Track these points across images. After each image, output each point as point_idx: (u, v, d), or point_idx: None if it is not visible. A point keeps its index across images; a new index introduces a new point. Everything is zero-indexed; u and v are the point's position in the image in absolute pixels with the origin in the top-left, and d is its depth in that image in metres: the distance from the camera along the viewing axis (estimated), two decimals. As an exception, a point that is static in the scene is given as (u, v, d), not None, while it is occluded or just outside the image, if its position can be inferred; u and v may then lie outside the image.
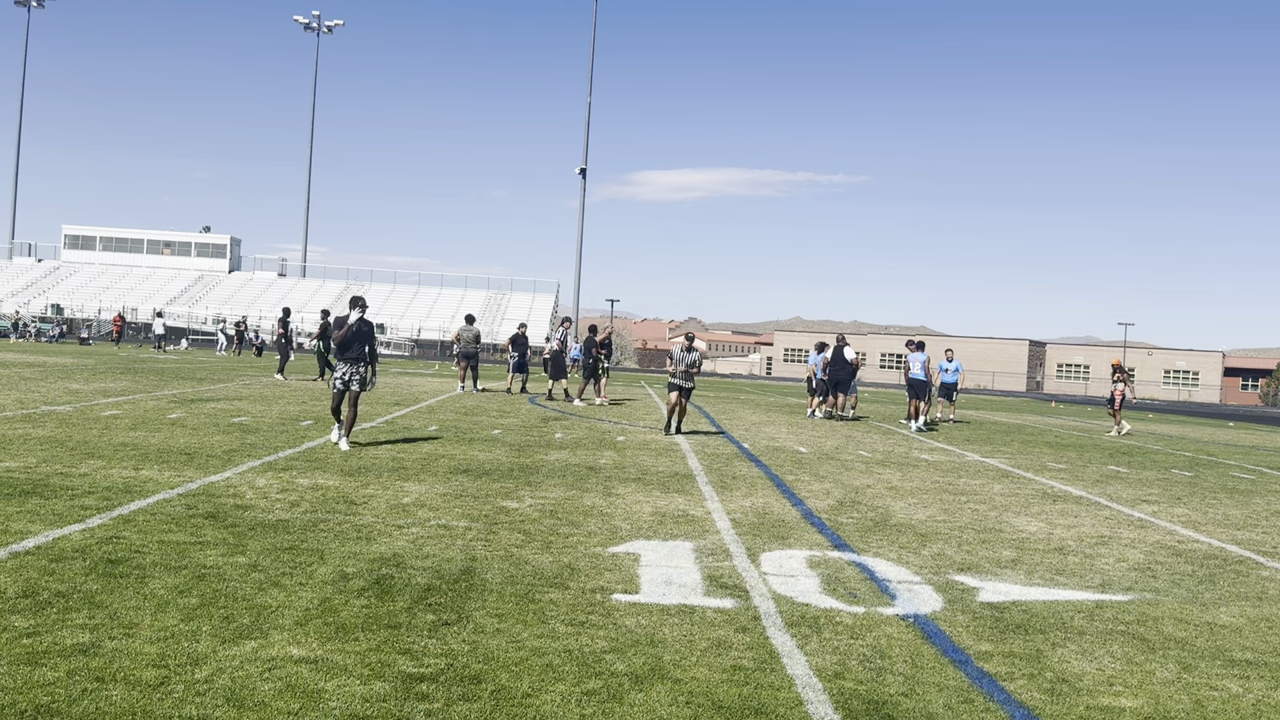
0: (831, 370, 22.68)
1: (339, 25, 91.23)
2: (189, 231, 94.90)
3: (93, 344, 57.65)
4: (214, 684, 4.10)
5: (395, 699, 4.07)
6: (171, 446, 11.20)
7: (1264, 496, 13.10)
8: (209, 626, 4.83)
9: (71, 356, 35.86)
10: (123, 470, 9.33)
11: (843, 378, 22.59)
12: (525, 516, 8.24)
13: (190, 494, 8.33)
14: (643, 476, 11.12)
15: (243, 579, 5.73)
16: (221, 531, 6.95)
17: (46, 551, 6.08)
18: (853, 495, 10.66)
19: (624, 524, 8.18)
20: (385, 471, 10.29)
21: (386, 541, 6.96)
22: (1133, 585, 7.07)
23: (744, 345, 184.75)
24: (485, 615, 5.30)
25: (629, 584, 6.17)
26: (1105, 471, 14.98)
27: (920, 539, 8.32)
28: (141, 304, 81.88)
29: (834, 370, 22.62)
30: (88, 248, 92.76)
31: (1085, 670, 5.04)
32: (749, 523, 8.58)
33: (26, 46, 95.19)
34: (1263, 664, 5.34)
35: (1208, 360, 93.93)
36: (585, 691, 4.29)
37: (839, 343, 23.02)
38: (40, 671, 4.12)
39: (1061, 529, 9.31)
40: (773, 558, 7.20)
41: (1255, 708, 4.65)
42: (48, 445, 10.73)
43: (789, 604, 5.94)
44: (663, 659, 4.77)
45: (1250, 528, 10.18)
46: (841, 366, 22.49)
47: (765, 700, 4.32)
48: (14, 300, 79.82)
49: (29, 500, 7.63)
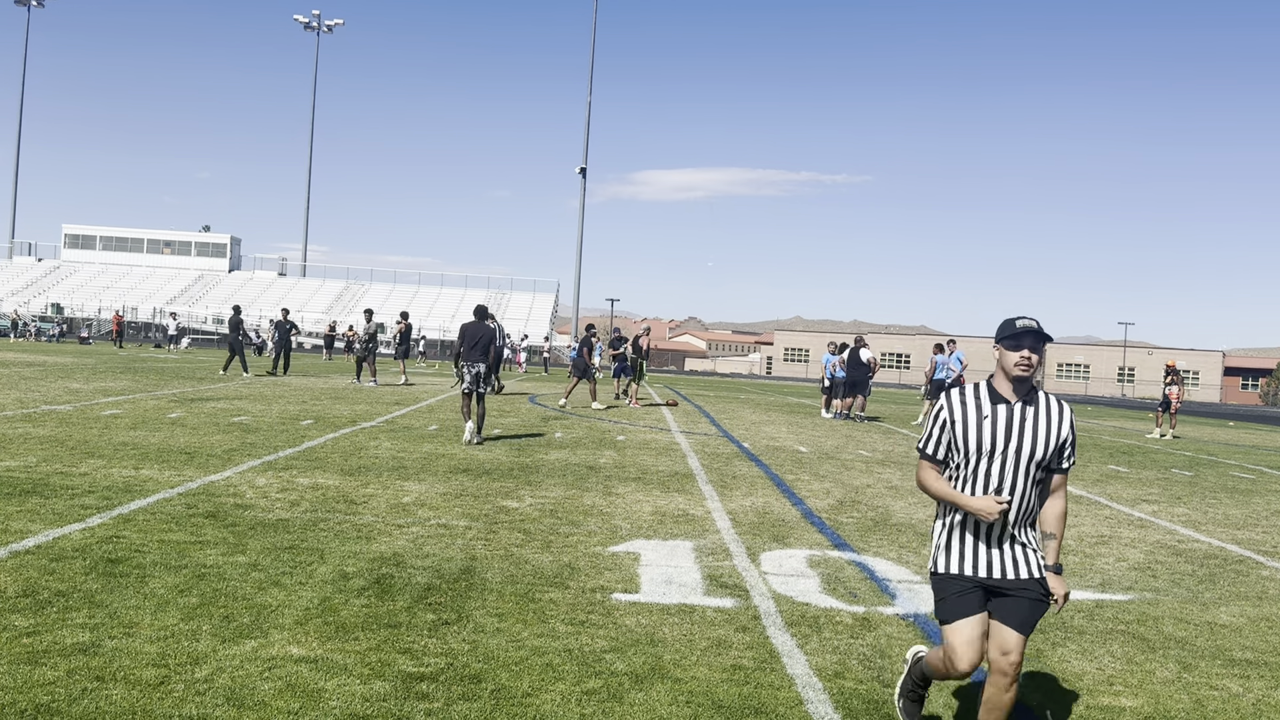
0: (849, 371, 22.76)
1: (339, 25, 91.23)
2: (189, 231, 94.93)
3: (93, 343, 57.65)
4: (214, 683, 4.10)
5: (395, 698, 4.07)
6: (171, 446, 11.20)
7: (1264, 496, 13.10)
8: (209, 626, 4.83)
9: (71, 356, 35.85)
10: (123, 469, 9.33)
11: (858, 379, 22.66)
12: (525, 516, 8.24)
13: (190, 493, 8.33)
14: (643, 476, 11.12)
15: (243, 578, 5.72)
16: (221, 531, 6.95)
17: (46, 551, 6.07)
18: (853, 495, 10.66)
19: (624, 523, 8.18)
20: (385, 471, 10.29)
21: (386, 541, 6.96)
22: (1133, 585, 7.06)
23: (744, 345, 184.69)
24: (485, 615, 5.30)
25: (629, 583, 6.17)
26: (1105, 471, 14.98)
27: (920, 538, 8.31)
28: (142, 303, 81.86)
29: (851, 371, 22.70)
30: (88, 247, 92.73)
31: (1085, 670, 5.04)
32: (749, 522, 8.58)
33: (26, 46, 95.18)
34: (1263, 663, 5.34)
35: (1208, 360, 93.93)
36: (585, 691, 4.29)
37: (856, 344, 23.07)
38: (40, 671, 4.12)
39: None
40: (773, 557, 7.20)
41: (1255, 707, 4.65)
42: (48, 444, 10.72)
43: (789, 603, 5.93)
44: (663, 658, 4.77)
45: (1250, 527, 10.17)
46: (857, 367, 22.58)
47: (765, 700, 4.32)
48: (14, 299, 79.79)
49: (29, 499, 7.63)
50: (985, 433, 3.60)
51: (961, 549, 3.66)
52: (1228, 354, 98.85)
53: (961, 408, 3.67)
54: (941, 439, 3.70)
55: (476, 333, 13.60)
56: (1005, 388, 3.65)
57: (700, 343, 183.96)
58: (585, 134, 70.59)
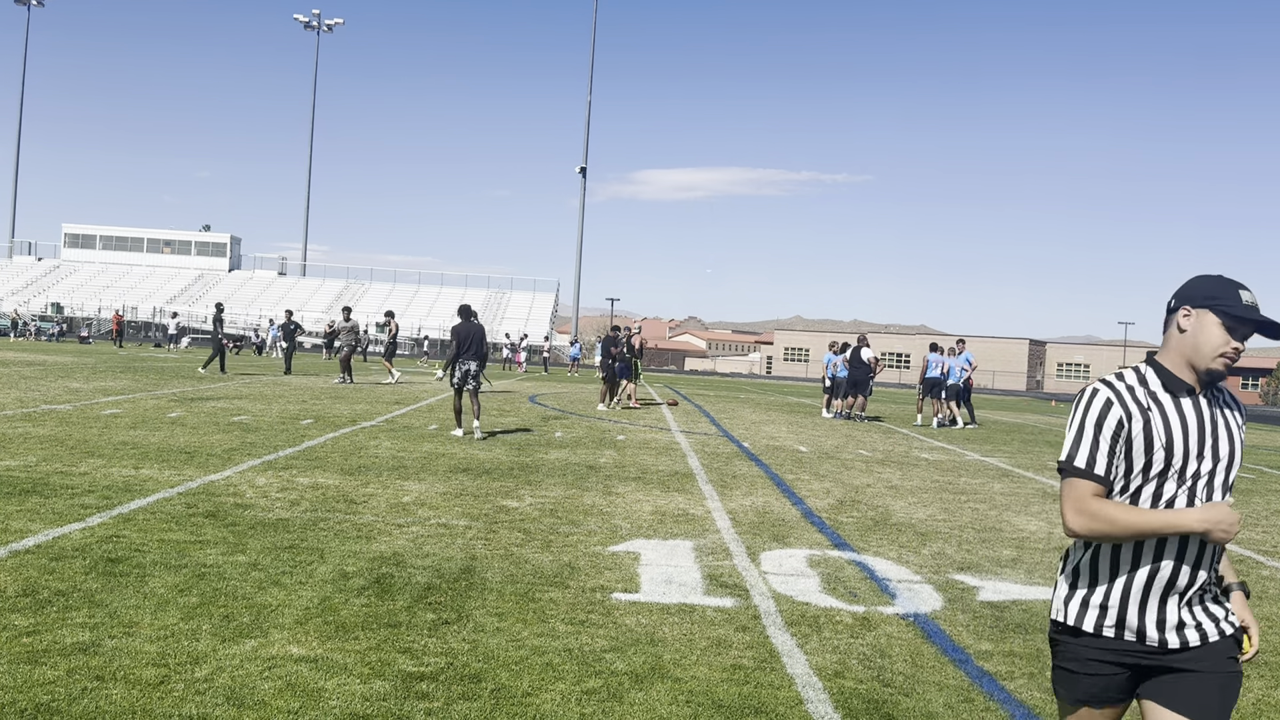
0: (850, 370, 22.84)
1: (339, 24, 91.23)
2: (189, 230, 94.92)
3: (93, 343, 57.65)
4: (214, 683, 4.10)
5: (395, 698, 4.06)
6: (171, 445, 11.20)
7: (1264, 496, 13.10)
8: (209, 625, 4.83)
9: (71, 355, 35.85)
10: (123, 469, 9.33)
11: (859, 378, 22.73)
12: (525, 515, 8.24)
13: (190, 493, 8.33)
14: (643, 475, 11.12)
15: (243, 578, 5.72)
16: (221, 530, 6.95)
17: (46, 550, 6.07)
18: (853, 494, 10.66)
19: (624, 523, 8.18)
20: (385, 470, 10.29)
21: (386, 540, 6.95)
22: (1133, 584, 7.05)
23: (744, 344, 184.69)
24: (485, 614, 5.30)
25: (629, 583, 6.17)
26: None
27: (920, 538, 8.31)
28: (141, 303, 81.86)
29: (853, 370, 22.78)
30: (88, 246, 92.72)
31: (1085, 669, 5.04)
32: (749, 522, 8.58)
33: (26, 45, 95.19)
34: (1262, 663, 5.34)
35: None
36: (585, 690, 4.29)
37: (858, 343, 23.14)
38: (40, 670, 4.12)
39: (1061, 528, 9.30)
40: (773, 557, 7.20)
41: (1255, 707, 4.65)
42: (48, 444, 10.72)
43: (789, 603, 5.93)
44: (663, 658, 4.77)
45: (1250, 527, 10.17)
46: (859, 366, 22.66)
47: (765, 699, 4.32)
48: (14, 299, 79.79)
49: (29, 499, 7.63)
50: (1178, 433, 2.53)
51: (1123, 601, 2.55)
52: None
53: (1136, 403, 2.55)
54: (1115, 448, 2.53)
55: (469, 332, 14.25)
56: (1187, 374, 2.58)
57: (700, 342, 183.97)
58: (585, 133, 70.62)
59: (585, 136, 70.49)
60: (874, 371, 23.02)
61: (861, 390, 22.98)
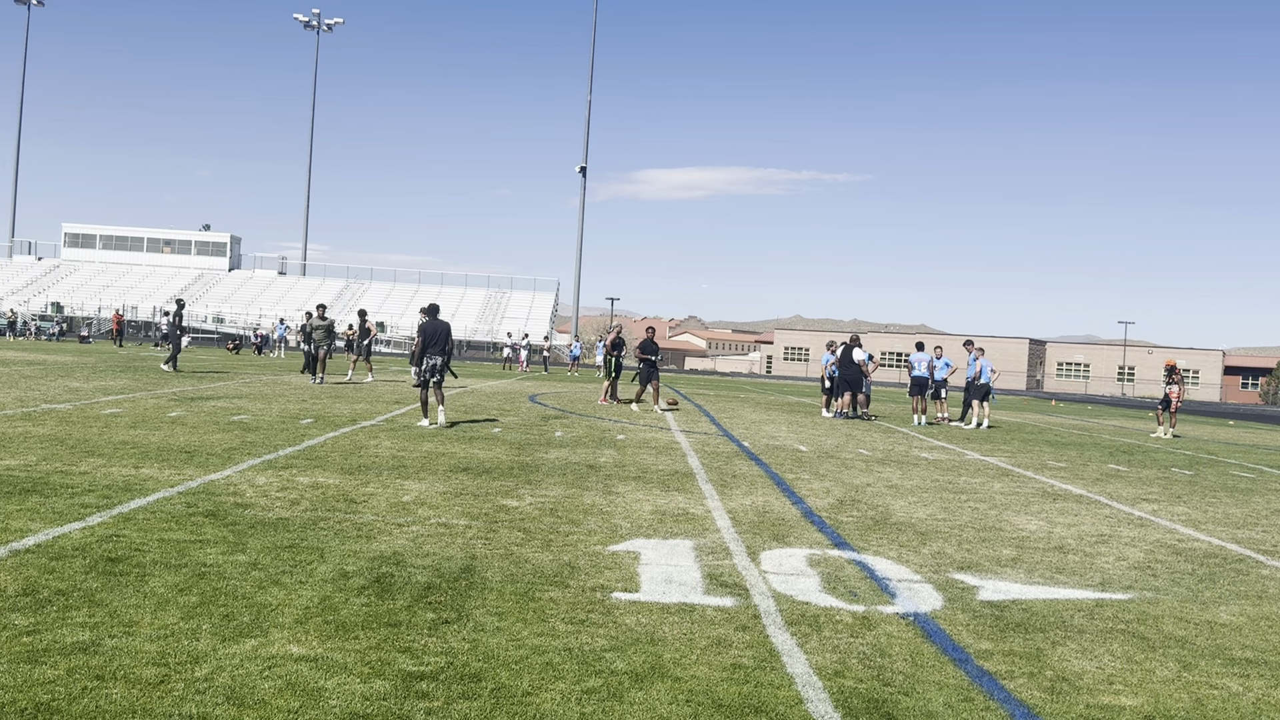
0: (841, 370, 22.89)
1: (339, 23, 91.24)
2: (189, 230, 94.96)
3: (93, 342, 57.65)
4: (214, 682, 4.10)
5: (395, 697, 4.06)
6: (171, 445, 11.20)
7: (1264, 495, 13.10)
8: (209, 625, 4.83)
9: (71, 354, 35.85)
10: (123, 468, 9.33)
11: (850, 377, 22.81)
12: (525, 515, 8.24)
13: (190, 492, 8.33)
14: (643, 475, 11.12)
15: (243, 577, 5.72)
16: (221, 530, 6.95)
17: (46, 550, 6.07)
18: (853, 494, 10.66)
19: (624, 522, 8.18)
20: (385, 470, 10.29)
21: (386, 540, 6.95)
22: (1133, 584, 7.06)
23: (744, 344, 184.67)
24: (485, 613, 5.30)
25: (629, 582, 6.17)
26: (1105, 470, 14.98)
27: (920, 537, 8.31)
28: (141, 302, 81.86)
29: (843, 369, 22.84)
30: (88, 246, 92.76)
31: (1085, 669, 5.04)
32: (749, 521, 8.58)
33: (27, 44, 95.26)
34: (1263, 662, 5.34)
35: (1208, 359, 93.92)
36: (585, 690, 4.29)
37: (850, 343, 23.27)
38: (40, 670, 4.12)
39: (1061, 527, 9.31)
40: (773, 556, 7.20)
41: (1255, 706, 4.65)
42: (48, 443, 10.72)
43: (789, 602, 5.93)
44: (663, 657, 4.77)
45: (1250, 526, 10.17)
46: (849, 366, 22.73)
47: (765, 699, 4.32)
48: (14, 298, 79.81)
49: (29, 498, 7.63)
50: None
51: None
52: (1228, 353, 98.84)
53: None
54: None
55: (434, 329, 14.98)
56: None
57: (700, 342, 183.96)
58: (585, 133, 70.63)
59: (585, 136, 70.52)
60: (867, 372, 23.10)
61: (855, 389, 23.06)
